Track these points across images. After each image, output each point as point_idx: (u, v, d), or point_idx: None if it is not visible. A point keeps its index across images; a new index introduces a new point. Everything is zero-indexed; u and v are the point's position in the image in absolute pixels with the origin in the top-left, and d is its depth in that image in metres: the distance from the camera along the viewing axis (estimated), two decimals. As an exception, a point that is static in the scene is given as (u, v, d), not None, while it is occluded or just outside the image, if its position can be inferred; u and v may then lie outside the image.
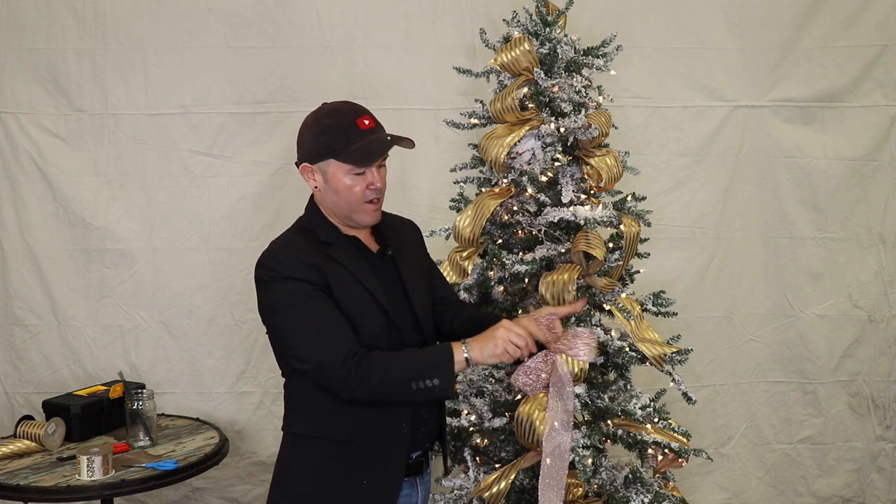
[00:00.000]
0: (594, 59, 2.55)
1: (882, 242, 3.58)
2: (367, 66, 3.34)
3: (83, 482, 2.55)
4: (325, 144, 1.99)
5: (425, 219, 3.18)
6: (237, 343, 3.42)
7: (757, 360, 3.58)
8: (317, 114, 2.05)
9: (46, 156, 3.33)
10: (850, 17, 3.45)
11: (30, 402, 3.37)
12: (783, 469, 3.63)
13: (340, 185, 2.01)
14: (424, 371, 1.90)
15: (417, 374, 1.90)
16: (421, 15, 3.35)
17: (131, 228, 3.37)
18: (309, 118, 2.06)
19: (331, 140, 1.99)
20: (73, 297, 3.38)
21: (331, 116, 2.02)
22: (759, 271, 3.53)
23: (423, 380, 1.90)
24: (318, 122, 2.03)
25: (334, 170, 2.01)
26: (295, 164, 2.09)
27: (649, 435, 2.42)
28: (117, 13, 3.31)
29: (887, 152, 3.53)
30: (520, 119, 2.48)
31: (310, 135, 2.03)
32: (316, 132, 2.02)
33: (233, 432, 3.38)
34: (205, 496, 3.45)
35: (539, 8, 2.58)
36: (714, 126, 3.45)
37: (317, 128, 2.02)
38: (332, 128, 2.00)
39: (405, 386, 1.90)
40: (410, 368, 1.91)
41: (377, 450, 2.02)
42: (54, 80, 3.32)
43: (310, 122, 2.05)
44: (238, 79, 3.34)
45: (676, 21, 3.40)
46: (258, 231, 3.38)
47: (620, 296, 2.50)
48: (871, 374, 3.62)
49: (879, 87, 3.50)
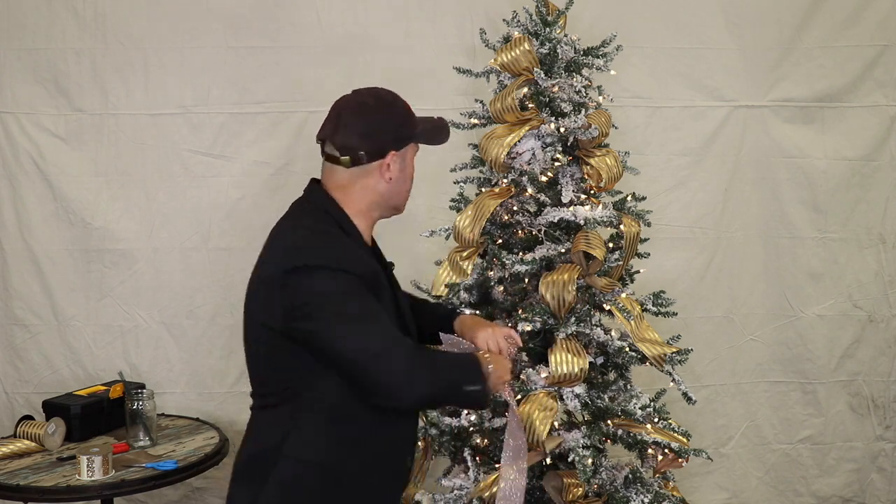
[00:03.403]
0: (594, 59, 2.55)
1: (882, 242, 3.58)
2: (367, 66, 3.34)
3: (83, 482, 2.55)
4: (408, 126, 1.93)
5: (425, 219, 3.19)
6: (237, 343, 3.38)
7: (757, 360, 3.58)
8: (378, 99, 1.93)
9: (46, 156, 3.33)
10: (850, 17, 3.45)
11: (30, 402, 3.37)
12: (783, 469, 3.63)
13: (411, 169, 1.96)
14: (470, 375, 1.85)
15: (466, 378, 1.85)
16: (421, 15, 3.35)
17: (131, 228, 3.37)
18: (371, 106, 1.91)
19: (411, 120, 1.94)
20: (73, 297, 3.38)
21: (395, 98, 1.95)
22: (759, 271, 3.53)
23: (470, 384, 1.84)
24: (390, 106, 1.93)
25: (411, 153, 1.96)
26: (358, 158, 1.88)
27: (649, 435, 2.42)
28: (117, 13, 3.31)
29: (887, 152, 3.53)
30: (520, 119, 2.48)
31: (388, 120, 1.91)
32: (394, 115, 1.92)
33: (233, 432, 3.37)
34: (205, 496, 3.45)
35: (539, 8, 2.58)
36: (714, 126, 3.45)
37: (391, 111, 1.92)
38: (405, 109, 1.94)
39: (458, 388, 1.84)
40: (460, 371, 1.86)
41: (385, 484, 1.95)
42: (54, 80, 3.32)
43: (380, 108, 1.92)
44: (238, 79, 3.34)
45: (676, 21, 3.40)
46: (258, 231, 3.33)
47: (620, 296, 2.50)
48: (871, 374, 3.62)
49: (879, 87, 3.50)
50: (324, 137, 1.95)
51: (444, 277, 2.62)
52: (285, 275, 1.80)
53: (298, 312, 1.79)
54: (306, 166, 3.36)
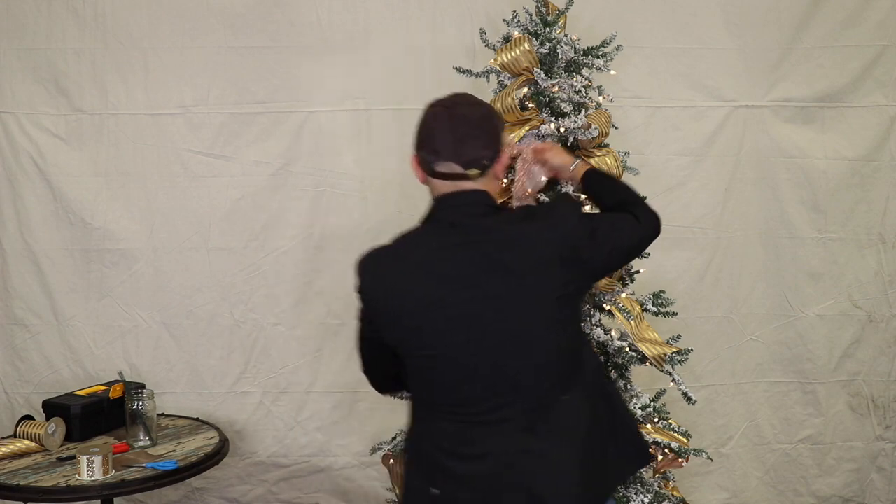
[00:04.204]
0: (594, 59, 2.55)
1: (882, 242, 3.58)
2: (367, 66, 3.34)
3: (83, 482, 2.54)
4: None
5: (425, 219, 3.18)
6: (237, 343, 3.43)
7: (757, 360, 3.58)
8: (483, 104, 1.99)
9: (46, 156, 3.34)
10: (850, 17, 3.44)
11: (30, 402, 3.37)
12: (783, 469, 3.63)
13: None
14: None
15: None
16: (421, 15, 3.35)
17: (131, 228, 3.37)
18: (488, 111, 1.97)
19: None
20: (73, 297, 3.38)
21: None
22: (759, 271, 3.53)
23: None
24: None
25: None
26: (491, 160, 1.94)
27: (649, 435, 2.42)
28: (117, 13, 3.31)
29: (887, 152, 3.53)
30: (520, 119, 2.48)
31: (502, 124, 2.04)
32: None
33: (233, 432, 3.38)
34: (205, 496, 3.45)
35: (539, 8, 2.58)
36: (714, 126, 3.45)
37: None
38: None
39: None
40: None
41: None
42: (54, 80, 3.32)
43: (496, 112, 2.03)
44: (238, 79, 3.34)
45: (676, 21, 3.40)
46: (258, 231, 3.38)
47: (620, 296, 2.50)
48: (871, 374, 3.62)
49: (879, 87, 3.50)
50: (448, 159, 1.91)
51: (444, 277, 2.62)
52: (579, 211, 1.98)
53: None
54: (306, 166, 3.37)
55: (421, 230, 1.98)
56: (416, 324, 1.88)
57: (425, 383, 1.95)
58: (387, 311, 1.93)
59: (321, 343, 3.42)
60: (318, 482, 3.48)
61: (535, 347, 1.86)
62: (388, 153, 3.34)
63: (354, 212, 3.38)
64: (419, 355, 1.92)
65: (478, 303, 1.83)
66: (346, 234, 3.37)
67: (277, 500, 3.49)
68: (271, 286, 3.39)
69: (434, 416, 1.94)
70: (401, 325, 1.91)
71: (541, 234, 1.85)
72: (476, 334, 1.84)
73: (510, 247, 1.84)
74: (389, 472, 2.79)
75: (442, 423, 1.93)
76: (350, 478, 3.47)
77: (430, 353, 1.89)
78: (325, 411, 3.45)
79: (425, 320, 1.87)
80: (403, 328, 1.91)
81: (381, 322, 1.95)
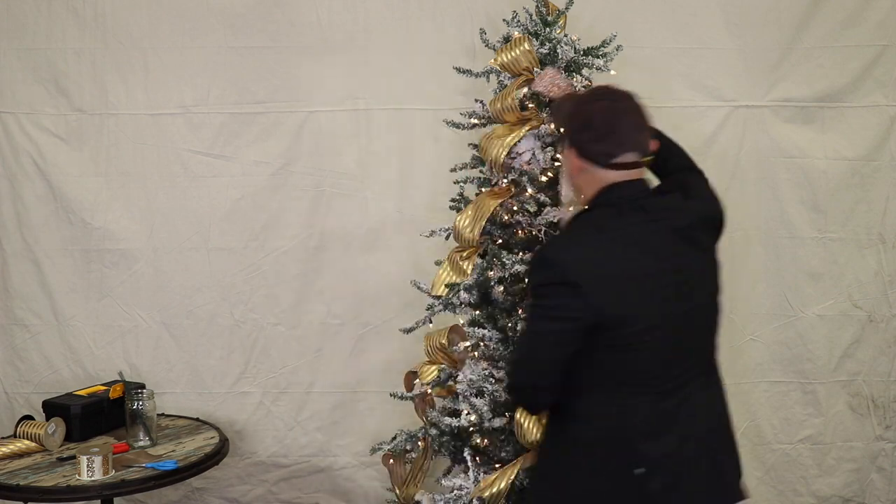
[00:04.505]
0: (594, 59, 2.56)
1: (882, 242, 3.57)
2: (367, 66, 3.34)
3: (83, 482, 2.55)
4: None
5: (425, 219, 3.18)
6: (237, 343, 3.42)
7: (757, 360, 3.57)
8: (632, 94, 2.03)
9: (46, 156, 3.34)
10: (850, 17, 3.44)
11: (30, 402, 3.37)
12: (783, 469, 3.63)
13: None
14: None
15: None
16: (421, 15, 3.35)
17: (131, 228, 3.37)
18: (639, 99, 2.02)
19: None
20: (73, 297, 3.38)
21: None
22: (759, 271, 3.53)
23: None
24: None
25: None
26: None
27: (649, 435, 2.41)
28: (117, 13, 3.31)
29: (887, 152, 3.53)
30: (520, 119, 2.48)
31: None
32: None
33: (233, 432, 3.38)
34: (205, 496, 3.45)
35: (539, 8, 2.58)
36: (714, 126, 3.45)
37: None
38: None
39: None
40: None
41: None
42: (54, 80, 3.32)
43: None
44: (238, 79, 3.34)
45: (676, 21, 3.40)
46: (258, 231, 3.38)
47: (620, 296, 2.49)
48: (871, 374, 3.62)
49: (879, 87, 3.49)
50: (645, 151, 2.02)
51: (444, 277, 2.63)
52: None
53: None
54: (306, 166, 3.37)
55: (599, 213, 1.99)
56: (646, 290, 1.90)
57: (622, 362, 1.92)
58: (611, 277, 1.87)
59: (321, 343, 3.42)
60: (318, 482, 3.48)
61: (717, 316, 2.07)
62: (388, 153, 3.34)
63: (354, 212, 3.38)
64: (632, 330, 1.89)
65: (682, 273, 1.95)
66: (346, 234, 3.37)
67: (277, 500, 3.49)
68: (271, 286, 3.39)
69: (624, 396, 1.93)
70: (626, 293, 1.88)
71: (705, 209, 2.08)
72: (686, 304, 1.95)
73: (689, 222, 2.00)
74: (389, 472, 2.79)
75: (631, 401, 1.93)
76: (350, 478, 3.47)
77: (649, 324, 1.90)
78: (325, 411, 3.44)
79: (647, 289, 1.90)
80: (628, 297, 1.88)
81: (602, 292, 1.86)
